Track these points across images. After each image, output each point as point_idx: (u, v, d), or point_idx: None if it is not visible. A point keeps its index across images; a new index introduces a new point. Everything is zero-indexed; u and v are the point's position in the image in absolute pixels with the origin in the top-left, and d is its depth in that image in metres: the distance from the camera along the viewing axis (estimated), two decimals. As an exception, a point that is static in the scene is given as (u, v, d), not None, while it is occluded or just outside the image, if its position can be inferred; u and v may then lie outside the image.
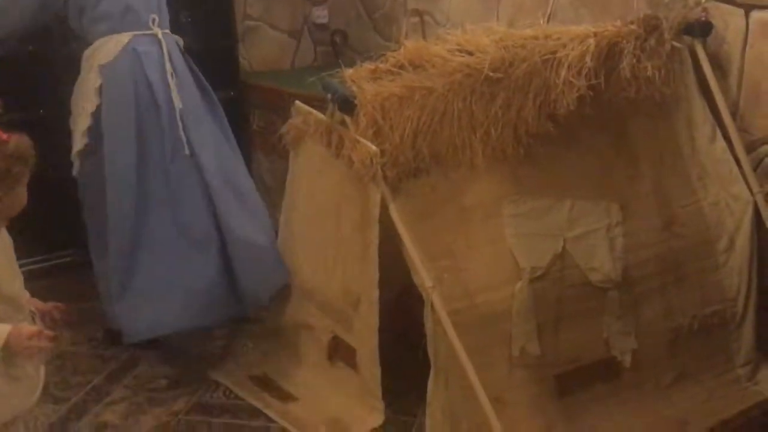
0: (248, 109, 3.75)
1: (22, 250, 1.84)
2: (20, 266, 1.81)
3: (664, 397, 2.19)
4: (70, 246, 3.43)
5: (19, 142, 1.66)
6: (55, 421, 2.29)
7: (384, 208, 2.02)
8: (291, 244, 2.47)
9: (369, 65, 2.16)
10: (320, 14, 4.20)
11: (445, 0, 3.50)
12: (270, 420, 2.27)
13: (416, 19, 3.66)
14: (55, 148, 3.32)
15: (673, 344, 2.22)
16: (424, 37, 3.47)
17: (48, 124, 3.31)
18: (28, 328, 1.62)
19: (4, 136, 1.66)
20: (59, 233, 3.39)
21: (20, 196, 1.69)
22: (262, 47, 4.07)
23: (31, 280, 1.81)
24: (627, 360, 2.16)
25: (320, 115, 2.21)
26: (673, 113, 2.27)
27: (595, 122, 2.18)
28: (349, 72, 2.11)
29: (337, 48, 4.19)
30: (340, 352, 2.33)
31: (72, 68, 3.26)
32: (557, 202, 2.15)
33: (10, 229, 1.81)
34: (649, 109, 2.23)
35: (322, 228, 2.28)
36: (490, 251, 2.10)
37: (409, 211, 2.05)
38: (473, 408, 1.96)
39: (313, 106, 2.29)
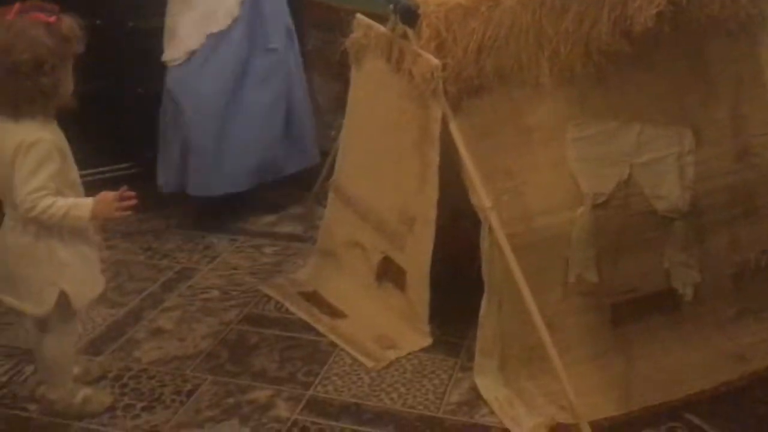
0: (303, 28, 3.67)
1: (82, 161, 1.87)
2: (81, 176, 1.86)
3: (724, 332, 2.13)
4: (129, 159, 3.47)
5: (69, 20, 1.71)
6: (111, 324, 2.35)
7: (443, 126, 1.96)
8: (349, 163, 2.44)
9: (434, -26, 2.06)
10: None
11: None
12: (319, 334, 2.29)
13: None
14: (111, 58, 3.36)
15: (738, 279, 2.14)
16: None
17: (106, 35, 3.31)
18: (110, 192, 1.74)
19: (51, 18, 1.69)
20: (118, 145, 3.42)
21: (71, 79, 1.76)
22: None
23: (90, 189, 1.84)
24: (689, 293, 2.10)
25: (381, 28, 2.14)
26: (757, 35, 2.12)
27: (672, 42, 2.05)
28: (412, -19, 2.01)
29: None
30: (389, 273, 2.32)
31: (134, 42, 3.25)
32: (625, 126, 2.05)
33: (71, 140, 1.84)
34: (732, 29, 2.09)
35: (381, 146, 2.24)
36: (551, 174, 2.03)
37: (468, 129, 1.98)
38: (525, 331, 1.94)
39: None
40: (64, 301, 1.78)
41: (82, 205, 1.72)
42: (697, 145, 2.07)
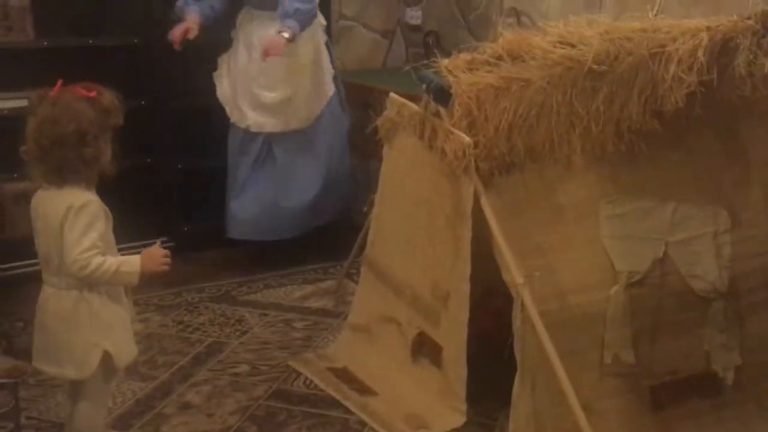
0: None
1: (120, 235, 1.91)
2: (119, 250, 1.90)
3: (767, 418, 2.04)
4: (165, 233, 3.54)
5: (109, 95, 1.82)
6: (141, 398, 2.34)
7: (475, 202, 1.98)
8: (382, 238, 2.45)
9: (465, 56, 2.12)
10: (414, 15, 4.19)
11: (544, 0, 3.43)
12: (348, 412, 2.24)
13: (512, 19, 3.60)
14: (152, 135, 3.49)
15: (781, 363, 2.06)
16: (520, 37, 3.39)
17: (147, 113, 3.45)
18: (154, 247, 1.82)
19: (92, 92, 1.79)
20: (155, 219, 3.50)
21: (110, 149, 1.83)
22: (355, 47, 4.10)
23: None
24: (729, 377, 2.03)
25: (414, 107, 2.19)
26: (790, 116, 2.12)
27: (704, 122, 2.06)
28: (445, 62, 2.08)
29: (430, 49, 4.17)
30: (425, 348, 2.29)
31: (172, 58, 3.41)
32: (659, 204, 2.04)
33: (117, 213, 1.90)
34: (764, 110, 2.09)
35: (414, 221, 2.25)
36: (584, 252, 2.02)
37: (500, 206, 1.99)
38: (560, 413, 1.88)
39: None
40: (106, 362, 1.80)
41: (132, 261, 1.77)
42: (733, 225, 2.04)
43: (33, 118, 1.77)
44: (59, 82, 1.86)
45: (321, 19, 3.25)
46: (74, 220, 1.71)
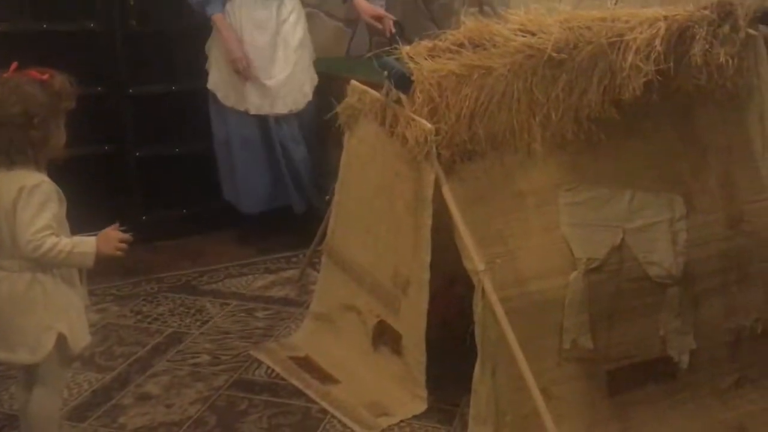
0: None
1: (77, 221, 1.88)
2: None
3: (722, 401, 2.09)
4: (123, 222, 3.48)
5: (62, 78, 1.79)
6: (98, 389, 2.30)
7: (436, 189, 1.98)
8: (343, 226, 2.44)
9: (427, 43, 2.12)
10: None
11: (506, -11, 3.44)
12: (310, 401, 2.24)
13: (475, 9, 3.60)
14: (111, 122, 3.41)
15: (734, 346, 2.11)
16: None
17: (105, 100, 3.37)
18: (113, 232, 1.79)
19: (44, 75, 1.77)
20: (114, 207, 3.43)
21: (63, 133, 1.82)
22: (318, 35, 4.05)
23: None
24: (684, 360, 2.07)
25: (375, 94, 2.18)
26: (744, 105, 2.16)
27: (661, 110, 2.09)
28: (407, 48, 2.07)
29: (393, 39, 4.16)
30: (385, 336, 2.29)
31: (130, 44, 3.33)
32: (617, 192, 2.06)
33: (75, 201, 1.86)
34: (720, 99, 2.13)
35: (375, 208, 2.25)
36: (544, 239, 2.03)
37: (461, 194, 1.99)
38: (520, 398, 1.90)
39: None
40: (61, 345, 1.77)
41: (87, 242, 1.74)
42: (689, 212, 2.08)
43: None
44: (14, 65, 1.82)
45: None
46: (27, 201, 1.68)
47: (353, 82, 2.35)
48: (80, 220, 1.92)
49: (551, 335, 1.99)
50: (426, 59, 2.05)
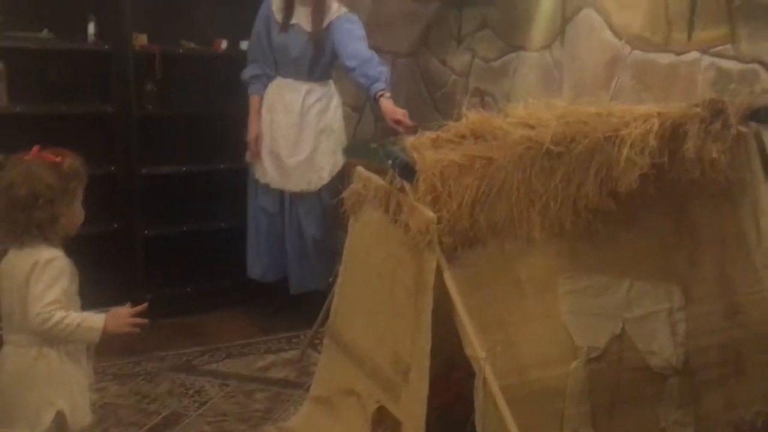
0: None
1: (87, 298, 1.93)
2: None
3: (725, 496, 2.05)
4: (132, 298, 3.50)
5: (72, 160, 1.87)
6: (94, 470, 2.27)
7: (437, 276, 2.01)
8: (345, 309, 2.46)
9: (430, 134, 2.20)
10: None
11: (507, 81, 3.58)
12: (308, 487, 2.20)
13: (476, 99, 3.74)
14: (120, 201, 3.49)
15: (736, 439, 2.09)
16: (484, 115, 3.52)
17: (117, 180, 3.47)
18: (124, 309, 1.84)
19: (57, 157, 1.85)
20: (121, 283, 3.47)
21: (77, 212, 1.89)
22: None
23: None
24: (685, 453, 2.05)
25: (380, 181, 2.24)
26: (737, 198, 2.22)
27: (657, 202, 2.14)
28: (411, 139, 2.15)
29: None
30: (384, 423, 2.26)
31: (143, 126, 3.45)
32: (615, 281, 2.09)
33: (81, 277, 1.90)
34: (714, 192, 2.19)
35: (377, 294, 2.27)
36: (545, 327, 2.05)
37: (462, 280, 2.02)
38: (521, 490, 1.87)
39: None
40: (59, 423, 1.76)
41: (95, 318, 1.78)
42: (687, 303, 2.10)
43: None
44: (35, 148, 1.90)
45: None
46: (39, 275, 1.74)
47: (359, 168, 2.42)
48: (85, 296, 1.96)
49: (552, 425, 1.97)
50: (429, 149, 2.13)
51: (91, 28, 3.42)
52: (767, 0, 2.43)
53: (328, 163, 3.44)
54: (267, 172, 3.40)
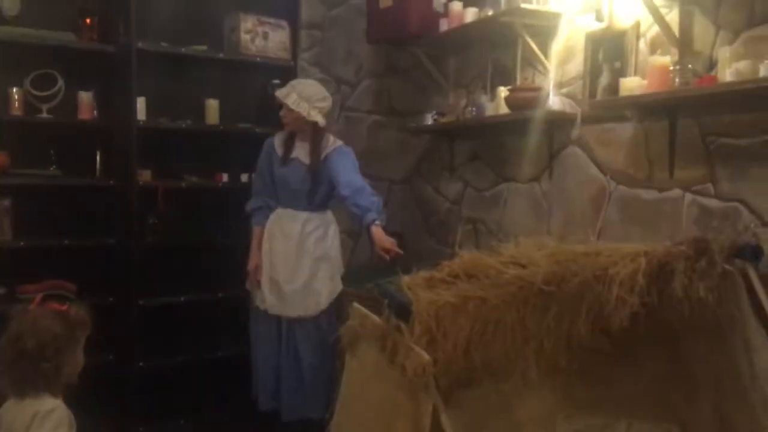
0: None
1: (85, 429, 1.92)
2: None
3: None
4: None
5: (77, 310, 1.91)
6: None
7: (434, 419, 2.00)
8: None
9: (424, 273, 2.26)
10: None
11: (498, 211, 3.69)
12: None
13: (470, 227, 3.85)
14: (118, 333, 3.49)
15: None
16: (477, 244, 3.62)
17: (115, 311, 3.49)
18: None
19: (64, 306, 1.90)
20: (109, 420, 3.41)
21: (79, 359, 1.92)
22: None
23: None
24: None
25: (377, 320, 2.27)
26: (728, 336, 2.22)
27: (650, 340, 2.16)
28: (405, 279, 2.20)
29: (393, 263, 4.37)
30: None
31: (145, 259, 3.51)
32: (614, 422, 2.10)
33: (75, 408, 1.89)
34: (704, 330, 2.21)
35: (372, 435, 2.25)
36: (545, 470, 2.03)
37: (459, 422, 2.02)
38: None
39: (369, 306, 2.36)
40: None
41: None
42: (686, 442, 2.09)
43: (4, 334, 1.84)
44: (38, 297, 1.94)
45: None
46: (39, 426, 1.74)
47: (355, 305, 2.45)
48: (81, 429, 1.94)
49: None
50: (424, 289, 2.18)
51: (98, 165, 3.56)
52: (743, 143, 2.57)
53: (325, 288, 3.48)
54: (266, 298, 3.44)
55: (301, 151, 3.51)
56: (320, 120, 3.43)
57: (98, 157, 3.59)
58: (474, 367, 2.08)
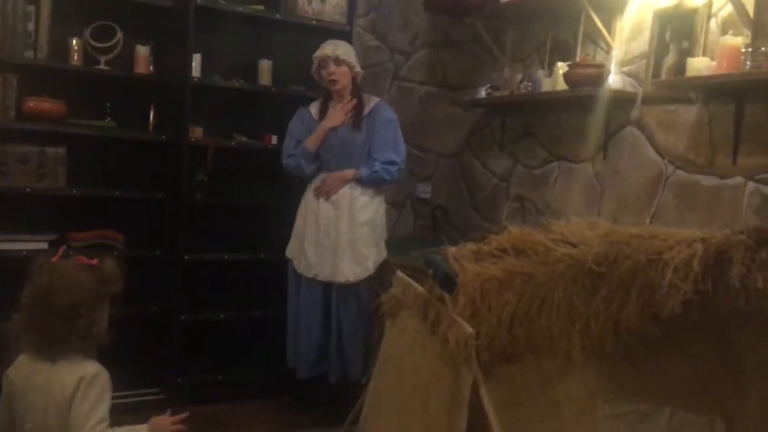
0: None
1: (122, 381, 1.94)
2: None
3: None
4: (157, 384, 3.51)
5: (111, 266, 1.81)
6: None
7: (473, 391, 1.98)
8: (376, 415, 2.43)
9: (472, 245, 2.22)
10: (424, 189, 4.42)
11: (548, 190, 3.62)
12: None
13: (517, 205, 3.78)
14: (163, 287, 3.55)
15: None
16: (524, 222, 3.56)
17: (161, 263, 3.55)
18: (164, 417, 1.79)
19: (94, 261, 1.81)
20: (149, 370, 3.49)
21: (106, 318, 1.82)
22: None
23: (115, 414, 1.86)
24: None
25: (419, 288, 2.25)
26: (783, 331, 2.17)
27: (701, 329, 2.10)
28: (452, 250, 2.17)
29: (437, 222, 4.35)
30: None
31: (192, 213, 3.55)
32: (657, 409, 2.05)
33: (116, 359, 1.90)
34: (759, 322, 2.13)
35: (410, 405, 2.24)
36: (582, 451, 2.00)
37: (497, 396, 1.99)
38: None
39: (410, 275, 2.35)
40: None
41: (138, 430, 1.76)
42: (730, 436, 2.03)
43: (29, 286, 1.75)
44: (61, 249, 1.87)
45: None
46: (85, 392, 1.68)
47: (399, 273, 2.44)
48: (117, 379, 1.93)
49: None
50: (470, 261, 2.15)
51: (151, 119, 3.60)
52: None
53: (372, 253, 3.47)
54: (311, 264, 3.43)
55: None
56: (360, 71, 3.45)
57: (152, 112, 3.62)
58: (517, 343, 2.05)
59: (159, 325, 3.58)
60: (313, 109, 3.55)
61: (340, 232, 3.41)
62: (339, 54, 3.37)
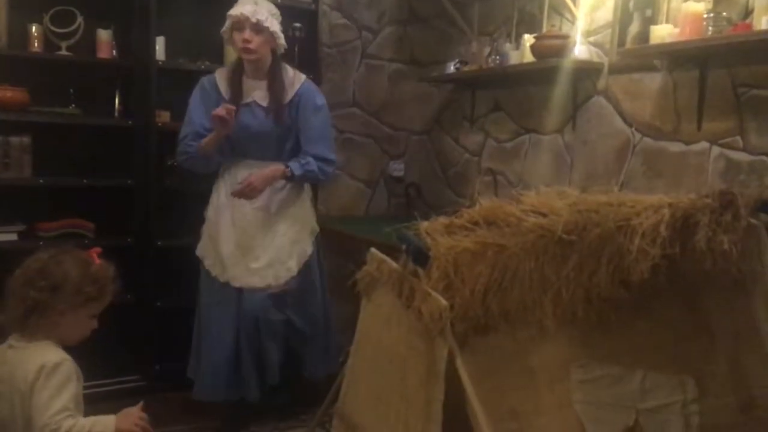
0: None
1: (90, 372, 1.91)
2: (88, 388, 1.88)
3: None
4: (136, 371, 3.50)
5: (104, 269, 1.81)
6: None
7: (449, 363, 2.01)
8: (354, 391, 2.45)
9: (444, 219, 2.23)
10: (397, 167, 4.42)
11: (519, 162, 3.64)
12: None
13: (489, 178, 3.80)
14: (137, 275, 3.52)
15: None
16: (496, 195, 3.58)
17: (134, 251, 3.51)
18: (133, 408, 1.76)
19: (96, 260, 1.80)
20: (127, 357, 3.47)
21: (85, 324, 1.80)
22: (340, 195, 4.28)
23: (92, 402, 1.86)
24: None
25: (393, 264, 2.26)
26: (750, 291, 2.21)
27: (670, 292, 2.14)
28: (424, 225, 2.18)
29: (411, 200, 4.36)
30: None
31: (162, 201, 3.52)
32: (628, 372, 2.08)
33: (91, 349, 1.89)
34: (726, 284, 2.18)
35: (388, 379, 2.26)
36: (558, 417, 2.03)
37: (473, 367, 2.02)
38: None
39: (385, 254, 2.35)
40: None
41: (105, 421, 1.71)
42: (701, 395, 2.08)
43: (20, 269, 1.76)
44: (97, 250, 1.86)
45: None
46: (45, 381, 1.64)
47: (373, 250, 2.44)
48: (95, 368, 1.92)
49: None
50: (442, 235, 2.16)
51: (117, 104, 3.54)
52: (774, 95, 2.50)
53: (294, 252, 3.09)
54: (226, 270, 3.01)
55: (257, 93, 2.92)
56: (283, 43, 2.85)
57: (117, 97, 3.56)
58: (491, 313, 2.07)
59: (135, 312, 3.55)
60: (219, 78, 2.99)
61: (262, 230, 3.01)
62: (260, 18, 2.75)
